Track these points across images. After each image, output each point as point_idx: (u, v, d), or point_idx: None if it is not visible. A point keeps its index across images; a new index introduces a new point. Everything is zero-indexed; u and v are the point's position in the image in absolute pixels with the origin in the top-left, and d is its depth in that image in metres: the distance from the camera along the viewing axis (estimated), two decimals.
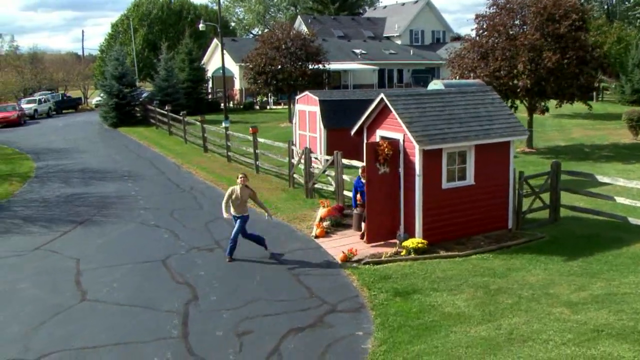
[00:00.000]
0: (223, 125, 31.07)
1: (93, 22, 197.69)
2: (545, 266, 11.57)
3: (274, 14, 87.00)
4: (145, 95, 45.23)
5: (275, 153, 21.45)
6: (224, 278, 11.45)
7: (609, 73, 41.43)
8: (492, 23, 25.07)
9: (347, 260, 12.05)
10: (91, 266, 12.30)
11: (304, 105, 23.28)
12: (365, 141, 13.52)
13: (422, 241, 12.30)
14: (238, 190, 12.39)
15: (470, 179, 13.07)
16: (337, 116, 21.56)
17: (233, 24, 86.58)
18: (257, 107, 47.44)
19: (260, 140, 21.99)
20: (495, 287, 10.37)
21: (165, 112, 34.61)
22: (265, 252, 12.78)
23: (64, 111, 54.87)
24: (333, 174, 16.52)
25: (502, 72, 24.02)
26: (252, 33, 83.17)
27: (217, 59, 48.25)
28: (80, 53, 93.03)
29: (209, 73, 50.62)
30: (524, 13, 25.08)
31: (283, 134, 30.37)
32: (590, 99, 27.39)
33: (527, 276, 10.98)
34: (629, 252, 12.31)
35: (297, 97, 24.60)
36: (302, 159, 18.18)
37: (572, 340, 7.85)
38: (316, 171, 17.94)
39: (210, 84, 51.57)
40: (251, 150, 22.29)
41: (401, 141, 12.69)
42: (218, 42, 45.45)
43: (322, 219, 14.38)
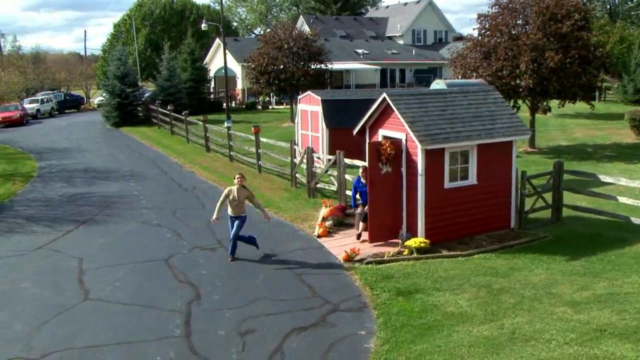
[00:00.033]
0: (225, 125, 31.08)
1: (95, 22, 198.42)
2: (547, 266, 11.56)
3: (276, 14, 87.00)
4: (147, 95, 45.30)
5: (277, 153, 21.47)
6: (226, 277, 11.46)
7: (611, 73, 41.37)
8: (494, 23, 25.07)
9: (349, 259, 12.05)
10: (94, 265, 12.32)
11: (306, 105, 23.28)
12: (368, 141, 13.53)
13: (425, 241, 12.30)
14: (235, 191, 12.37)
15: (472, 179, 13.05)
16: (339, 116, 21.55)
17: (235, 23, 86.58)
18: (260, 107, 47.49)
19: (262, 140, 22.00)
20: (497, 286, 10.37)
21: (167, 112, 34.66)
22: (266, 252, 12.80)
23: (66, 111, 55.00)
24: (335, 173, 16.53)
25: (505, 72, 24.02)
26: (254, 33, 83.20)
27: (219, 59, 48.30)
28: (83, 53, 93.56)
29: (212, 73, 50.68)
30: (526, 13, 25.06)
31: (285, 133, 30.41)
32: (592, 99, 27.35)
33: (529, 276, 10.97)
34: (632, 251, 12.29)
35: (299, 97, 24.59)
36: (304, 158, 18.18)
37: (575, 340, 7.85)
38: (318, 171, 17.94)
39: (213, 84, 51.63)
40: (253, 150, 22.31)
41: (403, 141, 12.69)
42: (220, 42, 45.48)
43: (324, 219, 14.39)
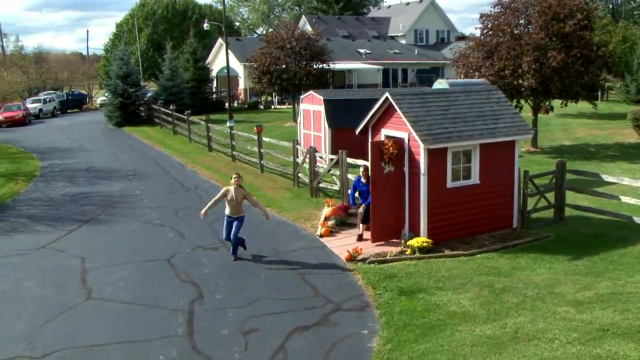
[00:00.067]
0: (227, 124, 31.07)
1: (97, 22, 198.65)
2: (550, 265, 11.56)
3: (278, 13, 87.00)
4: (149, 94, 45.36)
5: (279, 152, 21.47)
6: (229, 277, 11.47)
7: (614, 72, 41.29)
8: (496, 22, 25.04)
9: (352, 259, 12.05)
10: (96, 265, 12.34)
11: (309, 105, 23.28)
12: (370, 140, 13.53)
13: (427, 240, 12.29)
14: (232, 191, 12.34)
15: (475, 178, 13.04)
16: (341, 115, 21.54)
17: (237, 23, 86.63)
18: (262, 107, 47.49)
19: (264, 139, 22.01)
20: (500, 286, 10.36)
21: (169, 112, 34.69)
22: (269, 251, 12.82)
23: (68, 111, 55.07)
24: (338, 173, 16.53)
25: (507, 72, 24.00)
26: (256, 33, 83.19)
27: (221, 59, 48.28)
28: (85, 53, 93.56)
29: (214, 73, 50.67)
30: (528, 12, 25.02)
31: (287, 133, 30.41)
32: (595, 99, 27.30)
33: (532, 275, 10.96)
34: (635, 251, 12.27)
35: (301, 97, 24.58)
36: (306, 158, 18.18)
37: (578, 340, 7.85)
38: (321, 170, 17.93)
39: (215, 84, 51.63)
40: (256, 149, 22.32)
41: (406, 140, 12.68)
42: (222, 42, 45.45)
43: (326, 218, 14.39)
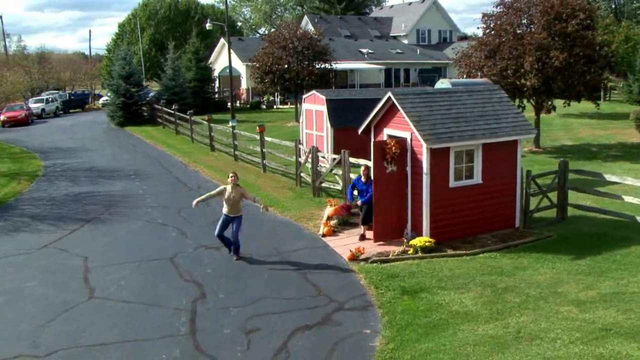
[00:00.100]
0: (230, 124, 31.10)
1: (100, 22, 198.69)
2: (552, 265, 11.54)
3: (280, 13, 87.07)
4: (152, 94, 45.37)
5: (282, 152, 21.47)
6: (231, 276, 11.47)
7: (616, 72, 41.21)
8: (499, 22, 25.02)
9: (354, 258, 12.05)
10: (99, 264, 12.35)
11: (311, 105, 23.29)
12: (373, 140, 13.53)
13: (430, 240, 12.29)
14: (230, 190, 12.29)
15: (477, 178, 13.04)
16: (344, 115, 21.55)
17: (240, 23, 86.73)
18: (264, 107, 47.51)
19: (267, 139, 22.01)
20: (502, 285, 10.36)
21: (172, 112, 34.71)
22: (271, 251, 12.83)
23: (71, 110, 55.14)
24: (340, 172, 16.52)
25: (509, 72, 23.98)
26: (258, 32, 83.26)
27: (223, 59, 48.30)
28: (87, 53, 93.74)
29: (216, 72, 50.74)
30: (531, 12, 25.00)
31: (290, 133, 30.41)
32: (597, 99, 27.27)
33: (534, 275, 10.95)
34: (638, 251, 12.24)
35: (304, 96, 24.60)
36: (309, 157, 18.18)
37: (580, 339, 7.84)
38: (323, 170, 17.93)
39: (217, 84, 51.67)
40: (258, 149, 22.33)
41: (408, 140, 12.68)
42: (225, 42, 45.49)
43: (329, 218, 14.39)
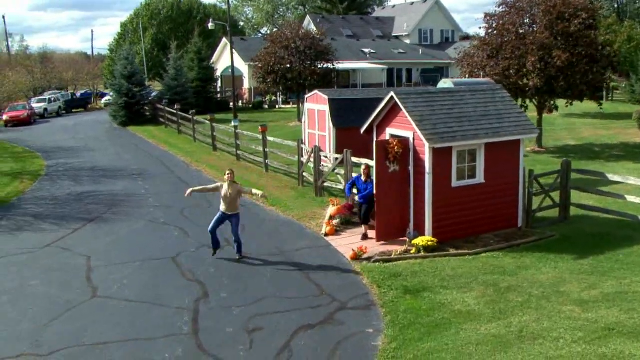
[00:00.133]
0: (232, 124, 31.13)
1: (102, 22, 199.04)
2: (555, 264, 11.53)
3: (282, 13, 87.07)
4: (154, 94, 45.44)
5: (284, 152, 21.48)
6: (234, 275, 11.48)
7: (619, 72, 41.14)
8: (501, 22, 25.00)
9: (356, 258, 12.06)
10: (102, 263, 12.37)
11: (314, 104, 23.29)
12: (375, 139, 13.53)
13: (432, 239, 12.28)
14: (227, 187, 12.27)
15: (480, 177, 13.03)
16: (346, 115, 21.53)
17: (242, 23, 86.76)
18: (266, 106, 47.55)
19: (269, 139, 22.02)
20: (505, 285, 10.35)
21: (174, 111, 34.76)
22: (274, 250, 12.85)
23: (73, 110, 55.22)
24: (342, 172, 16.52)
25: (512, 71, 23.95)
26: (260, 32, 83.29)
27: (226, 58, 48.38)
28: (90, 53, 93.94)
29: (218, 72, 50.77)
30: (533, 12, 24.98)
31: (292, 132, 30.42)
32: (600, 98, 27.24)
33: (537, 274, 10.94)
34: None
35: (306, 96, 24.59)
36: (311, 157, 18.19)
37: (583, 339, 7.84)
38: (325, 170, 17.94)
39: (220, 83, 51.73)
40: (260, 149, 22.34)
41: (411, 139, 12.68)
42: (227, 42, 45.56)
43: (331, 217, 14.39)
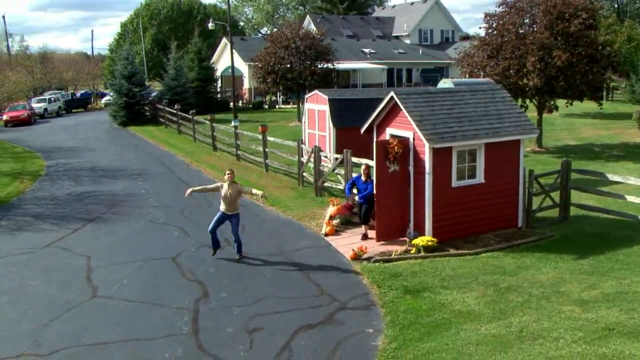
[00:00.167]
0: (232, 124, 31.13)
1: (102, 22, 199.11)
2: (555, 264, 11.53)
3: (282, 13, 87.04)
4: (154, 94, 45.44)
5: (284, 152, 21.48)
6: (234, 275, 11.49)
7: (619, 72, 41.14)
8: (501, 22, 25.00)
9: (356, 258, 12.06)
10: (102, 263, 12.37)
11: (314, 104, 23.28)
12: (375, 139, 13.53)
13: (432, 239, 12.28)
14: (227, 187, 12.26)
15: (480, 177, 13.03)
16: (346, 115, 21.53)
17: (242, 23, 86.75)
18: (266, 106, 47.55)
19: (269, 139, 22.02)
20: (505, 285, 10.35)
21: (174, 111, 34.76)
22: (274, 250, 12.85)
23: (73, 110, 55.22)
24: (342, 172, 16.52)
25: (512, 71, 23.95)
26: (260, 32, 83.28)
27: (226, 58, 48.38)
28: (90, 53, 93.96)
29: (218, 72, 50.77)
30: (533, 12, 24.98)
31: (292, 132, 30.42)
32: (600, 98, 27.24)
33: (537, 274, 10.94)
34: None
35: (306, 96, 24.59)
36: (311, 157, 18.19)
37: (583, 339, 7.84)
38: (325, 170, 17.94)
39: (220, 83, 51.73)
40: (260, 149, 22.33)
41: (411, 139, 12.68)
42: (227, 42, 45.57)
43: (331, 217, 14.40)
